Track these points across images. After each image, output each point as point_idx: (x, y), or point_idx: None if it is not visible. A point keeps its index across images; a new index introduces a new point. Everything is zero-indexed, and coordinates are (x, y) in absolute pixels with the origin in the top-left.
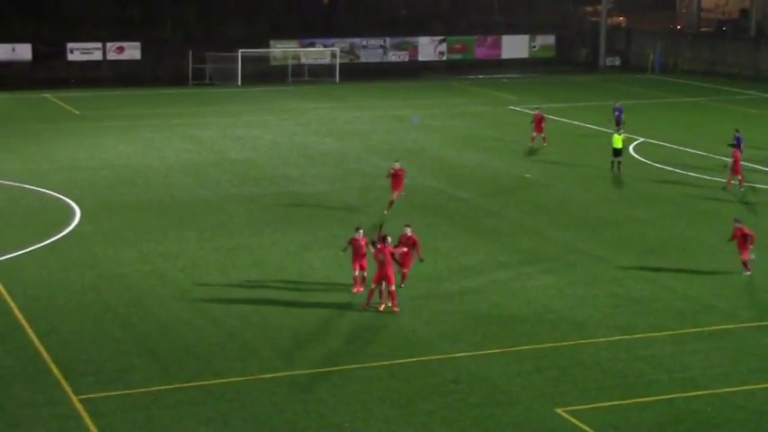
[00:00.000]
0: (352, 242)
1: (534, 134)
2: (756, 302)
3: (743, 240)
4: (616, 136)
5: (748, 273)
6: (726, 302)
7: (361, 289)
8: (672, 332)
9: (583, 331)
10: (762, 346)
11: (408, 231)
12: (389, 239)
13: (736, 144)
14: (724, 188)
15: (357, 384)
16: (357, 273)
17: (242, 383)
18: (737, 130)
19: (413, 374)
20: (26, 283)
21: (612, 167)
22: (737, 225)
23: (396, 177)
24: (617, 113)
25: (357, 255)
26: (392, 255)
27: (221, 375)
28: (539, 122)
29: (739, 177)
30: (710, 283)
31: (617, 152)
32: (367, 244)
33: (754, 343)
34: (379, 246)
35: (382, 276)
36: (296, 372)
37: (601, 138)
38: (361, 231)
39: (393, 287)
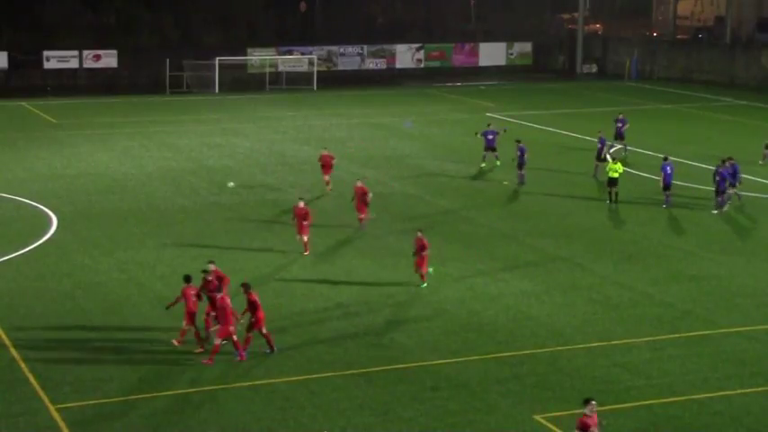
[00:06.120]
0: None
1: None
2: (733, 308)
3: (422, 251)
4: (612, 164)
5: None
6: (703, 308)
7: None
8: (649, 338)
9: (561, 338)
10: (739, 351)
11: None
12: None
13: (520, 155)
14: (361, 224)
15: (336, 392)
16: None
17: (220, 392)
18: (519, 141)
19: (391, 382)
20: (2, 292)
21: (609, 199)
22: (419, 236)
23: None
24: (490, 137)
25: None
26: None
27: (199, 384)
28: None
29: (361, 217)
30: (688, 290)
31: (613, 182)
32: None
33: (731, 349)
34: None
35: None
36: (274, 380)
37: (579, 145)
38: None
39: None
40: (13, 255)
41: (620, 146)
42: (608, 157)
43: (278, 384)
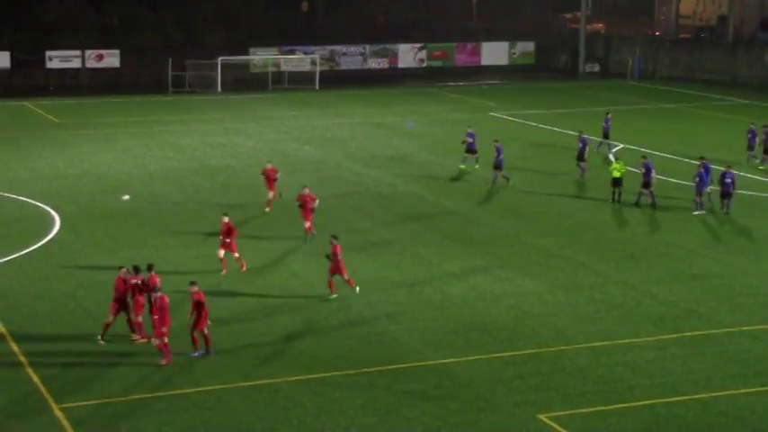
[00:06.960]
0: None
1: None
2: (736, 307)
3: (336, 259)
4: (615, 164)
5: (335, 295)
6: (706, 307)
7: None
8: (652, 338)
9: (564, 337)
10: (742, 351)
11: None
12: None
13: (496, 158)
14: (308, 232)
15: (338, 392)
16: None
17: (222, 391)
18: (496, 140)
19: (394, 381)
20: (6, 292)
21: (612, 198)
22: (334, 243)
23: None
24: (469, 139)
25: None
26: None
27: (202, 383)
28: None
29: (307, 226)
30: (691, 289)
31: (617, 182)
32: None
33: (734, 348)
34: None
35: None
36: (276, 379)
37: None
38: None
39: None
40: (16, 254)
41: (601, 141)
42: (611, 156)
43: (280, 384)
